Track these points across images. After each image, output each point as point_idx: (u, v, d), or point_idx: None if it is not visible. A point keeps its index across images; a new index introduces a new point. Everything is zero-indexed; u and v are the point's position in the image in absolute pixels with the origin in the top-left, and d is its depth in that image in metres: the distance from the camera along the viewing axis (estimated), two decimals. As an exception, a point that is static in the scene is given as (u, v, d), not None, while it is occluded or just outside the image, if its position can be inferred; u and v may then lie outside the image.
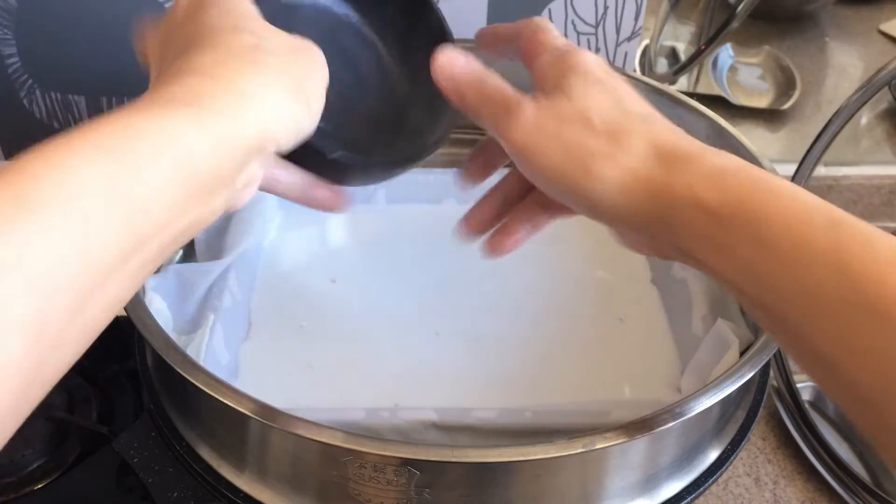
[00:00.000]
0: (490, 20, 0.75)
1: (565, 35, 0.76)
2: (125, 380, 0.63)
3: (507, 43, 0.46)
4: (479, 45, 0.47)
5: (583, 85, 0.39)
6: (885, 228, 0.33)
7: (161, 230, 0.30)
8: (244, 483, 0.45)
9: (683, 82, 0.98)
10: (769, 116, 1.01)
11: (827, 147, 0.64)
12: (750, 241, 0.33)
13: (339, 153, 0.42)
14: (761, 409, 0.51)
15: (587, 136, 0.38)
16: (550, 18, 0.75)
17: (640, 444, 0.43)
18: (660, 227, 0.36)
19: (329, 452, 0.41)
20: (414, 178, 0.67)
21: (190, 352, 0.49)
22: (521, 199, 0.46)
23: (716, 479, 0.48)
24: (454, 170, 0.68)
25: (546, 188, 0.39)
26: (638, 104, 0.41)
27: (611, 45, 0.77)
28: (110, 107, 0.78)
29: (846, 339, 0.30)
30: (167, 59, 0.36)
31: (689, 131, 0.63)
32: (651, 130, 0.39)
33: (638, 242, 0.40)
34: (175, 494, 0.46)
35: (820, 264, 0.31)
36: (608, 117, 0.38)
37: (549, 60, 0.42)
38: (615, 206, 0.37)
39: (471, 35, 0.76)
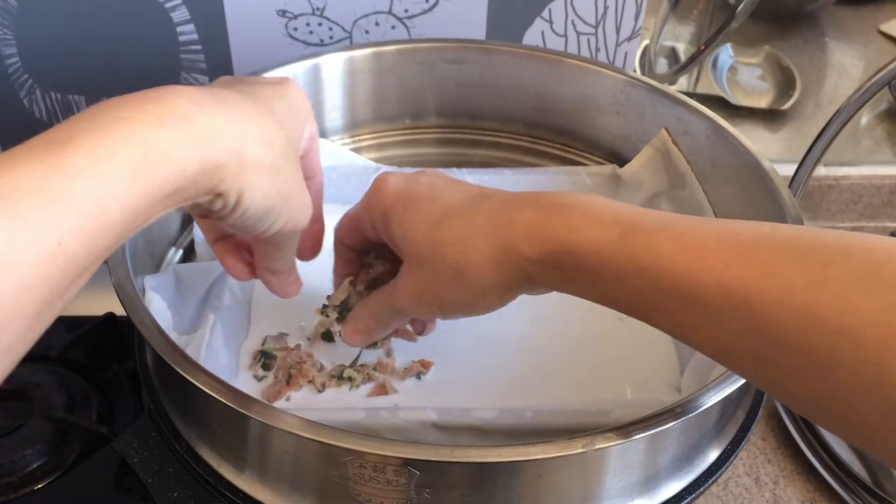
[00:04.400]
0: (490, 20, 0.75)
1: (565, 35, 0.76)
2: (125, 380, 0.63)
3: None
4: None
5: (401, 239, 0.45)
6: (886, 229, 0.33)
7: (143, 223, 0.34)
8: (244, 483, 0.45)
9: (683, 82, 0.98)
10: (769, 116, 1.01)
11: (827, 147, 0.64)
12: (571, 277, 0.39)
13: None
14: (761, 409, 0.51)
15: (441, 282, 0.43)
16: (550, 19, 0.76)
17: (640, 444, 0.43)
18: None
19: (329, 452, 0.41)
20: (414, 178, 0.68)
21: (190, 352, 0.48)
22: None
23: (716, 479, 0.48)
24: (454, 170, 0.68)
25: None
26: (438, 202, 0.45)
27: (611, 45, 0.77)
28: (110, 107, 0.78)
29: (678, 324, 0.37)
30: None
31: (690, 131, 0.63)
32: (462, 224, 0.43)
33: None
34: (175, 494, 0.46)
35: (629, 275, 0.37)
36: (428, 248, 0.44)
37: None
38: (499, 296, 0.43)
39: (471, 35, 0.76)
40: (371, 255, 0.52)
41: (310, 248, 0.51)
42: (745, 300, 0.33)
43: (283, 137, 0.41)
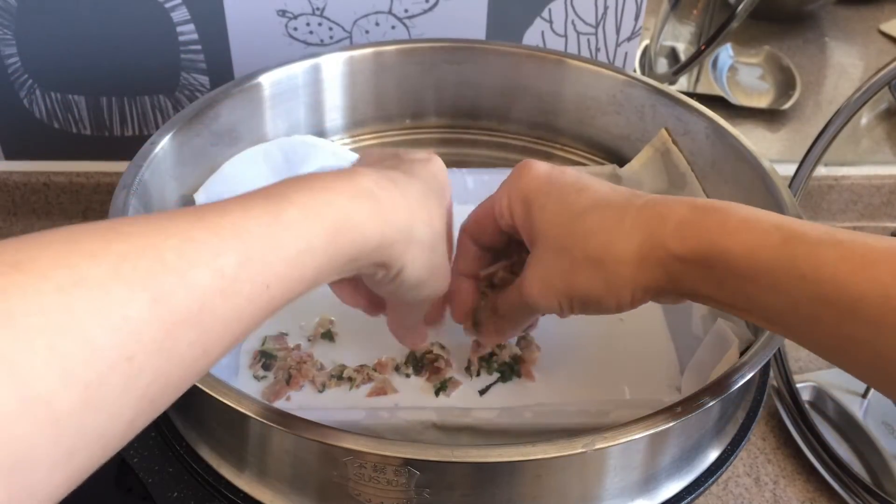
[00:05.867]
0: (490, 20, 0.75)
1: (565, 35, 0.76)
2: (125, 380, 0.63)
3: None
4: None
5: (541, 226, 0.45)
6: (886, 229, 0.33)
7: (317, 285, 0.37)
8: (244, 483, 0.45)
9: (683, 82, 0.98)
10: (769, 116, 1.01)
11: (827, 147, 0.64)
12: (718, 279, 0.38)
13: None
14: (761, 409, 0.51)
15: (576, 272, 0.43)
16: (550, 19, 0.76)
17: (640, 444, 0.43)
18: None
19: (329, 452, 0.41)
20: (414, 178, 0.68)
21: (190, 352, 0.48)
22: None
23: (716, 479, 0.48)
24: (454, 170, 0.68)
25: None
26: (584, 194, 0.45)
27: (611, 45, 0.77)
28: (110, 107, 0.78)
29: (833, 336, 0.35)
30: None
31: (690, 131, 0.63)
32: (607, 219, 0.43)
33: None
34: (175, 494, 0.46)
35: (786, 282, 0.36)
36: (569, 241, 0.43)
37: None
38: (633, 294, 0.42)
39: (471, 35, 0.76)
40: (493, 254, 0.51)
41: (435, 314, 0.53)
42: None
43: (442, 217, 0.45)
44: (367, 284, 0.46)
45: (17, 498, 0.24)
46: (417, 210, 0.41)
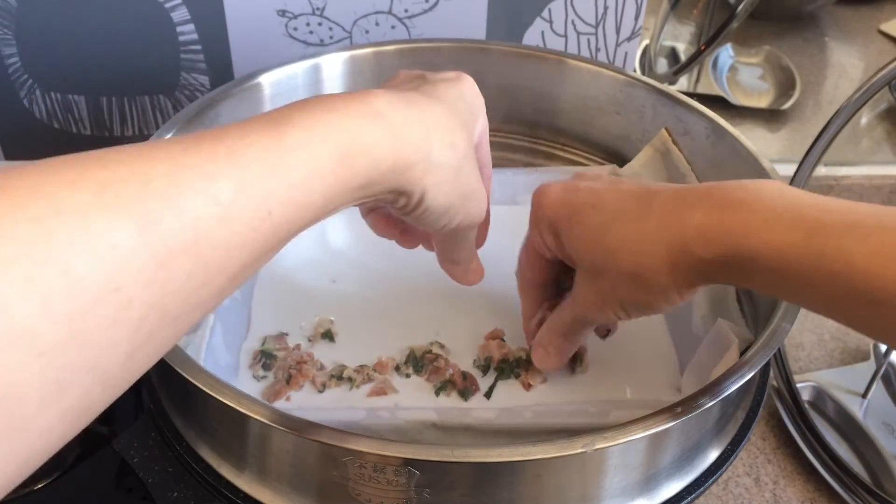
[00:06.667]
0: (490, 20, 0.75)
1: (565, 35, 0.76)
2: (125, 380, 0.63)
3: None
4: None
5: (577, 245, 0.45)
6: (886, 228, 0.33)
7: (331, 212, 0.35)
8: (244, 483, 0.45)
9: (683, 82, 0.98)
10: (769, 116, 1.01)
11: (827, 147, 0.64)
12: (751, 277, 0.38)
13: None
14: (761, 409, 0.51)
15: (620, 287, 0.43)
16: (550, 19, 0.76)
17: (640, 444, 0.43)
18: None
19: (329, 452, 0.41)
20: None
21: (190, 352, 0.49)
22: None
23: (716, 479, 0.48)
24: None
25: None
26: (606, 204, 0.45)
27: (611, 45, 0.77)
28: (110, 107, 0.78)
29: (871, 325, 0.35)
30: None
31: (690, 131, 0.63)
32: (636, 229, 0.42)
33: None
34: (175, 494, 0.46)
35: (817, 279, 0.35)
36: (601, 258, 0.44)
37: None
38: (680, 294, 0.43)
39: (471, 35, 0.76)
40: (553, 287, 0.52)
41: (478, 239, 0.51)
42: None
43: (466, 140, 0.42)
44: (395, 215, 0.45)
45: (8, 430, 0.24)
46: (435, 131, 0.39)
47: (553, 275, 0.51)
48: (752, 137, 0.68)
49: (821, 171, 0.79)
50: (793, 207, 0.37)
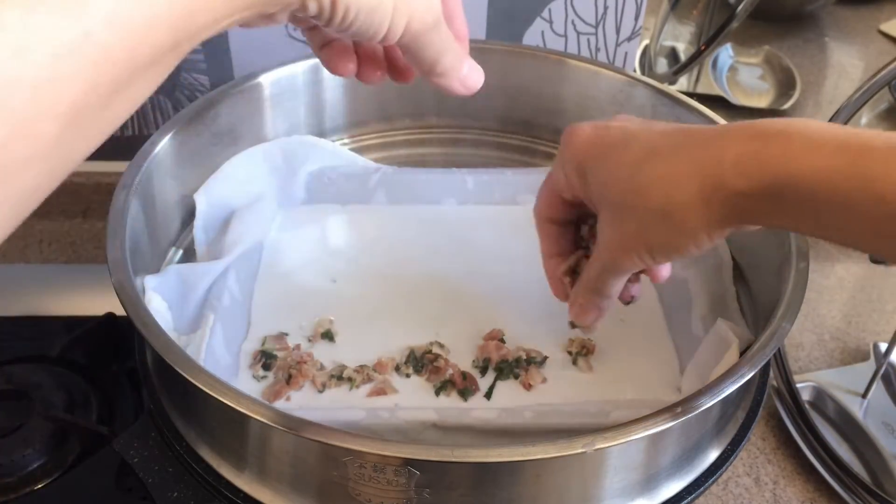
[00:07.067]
0: (490, 20, 0.75)
1: (565, 35, 0.76)
2: (125, 380, 0.63)
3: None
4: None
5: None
6: (885, 228, 0.33)
7: (209, 27, 0.30)
8: (244, 483, 0.45)
9: (683, 82, 0.98)
10: (769, 116, 1.00)
11: (827, 147, 0.64)
12: (789, 208, 0.37)
13: None
14: (761, 409, 0.51)
15: (647, 227, 0.41)
16: (550, 19, 0.76)
17: (640, 444, 0.43)
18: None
19: (329, 452, 0.41)
20: (414, 178, 0.68)
21: (190, 352, 0.49)
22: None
23: (716, 479, 0.48)
24: (454, 170, 0.68)
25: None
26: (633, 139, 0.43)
27: (611, 45, 0.77)
28: (110, 107, 0.78)
29: None
30: None
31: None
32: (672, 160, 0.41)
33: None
34: (175, 494, 0.46)
35: (862, 203, 0.34)
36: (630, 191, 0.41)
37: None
38: (709, 234, 0.41)
39: (471, 35, 0.76)
40: (574, 231, 0.50)
41: (457, 35, 0.45)
42: None
43: None
44: (329, 34, 0.41)
45: None
46: None
47: (569, 216, 0.49)
48: (752, 137, 0.67)
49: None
50: (835, 135, 0.36)
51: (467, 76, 0.45)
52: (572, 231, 0.50)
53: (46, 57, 0.25)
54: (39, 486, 0.55)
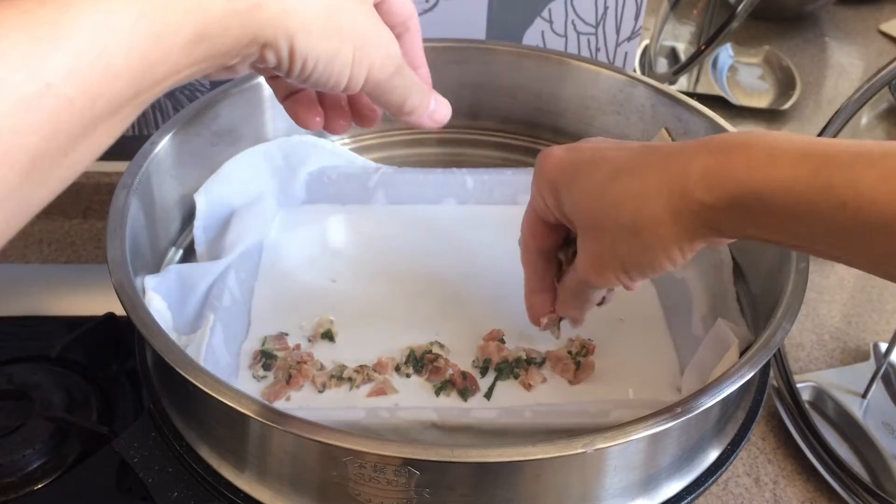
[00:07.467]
0: (490, 20, 0.75)
1: (565, 35, 0.76)
2: (125, 380, 0.63)
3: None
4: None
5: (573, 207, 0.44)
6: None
7: (168, 78, 0.31)
8: (244, 483, 0.45)
9: (683, 82, 0.98)
10: (769, 116, 1.01)
11: (827, 147, 0.64)
12: (757, 219, 0.37)
13: None
14: (761, 409, 0.51)
15: (619, 244, 0.42)
16: (550, 19, 0.76)
17: (640, 444, 0.43)
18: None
19: (329, 452, 0.41)
20: (414, 178, 0.68)
21: (190, 352, 0.49)
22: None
23: (716, 479, 0.48)
24: (454, 170, 0.68)
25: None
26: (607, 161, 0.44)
27: (611, 45, 0.77)
28: (110, 107, 0.78)
29: (892, 256, 0.34)
30: None
31: (690, 131, 0.63)
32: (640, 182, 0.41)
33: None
34: (175, 494, 0.46)
35: (827, 212, 0.34)
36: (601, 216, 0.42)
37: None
38: (682, 249, 0.41)
39: (471, 35, 0.76)
40: (558, 256, 0.51)
41: (421, 73, 0.46)
42: None
43: None
44: (292, 84, 0.41)
45: None
46: None
47: (554, 241, 0.50)
48: (752, 137, 0.67)
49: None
50: (798, 145, 0.36)
51: (435, 111, 0.45)
52: (556, 265, 0.51)
53: (7, 107, 0.26)
54: (39, 486, 0.55)
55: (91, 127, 0.28)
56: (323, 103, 0.46)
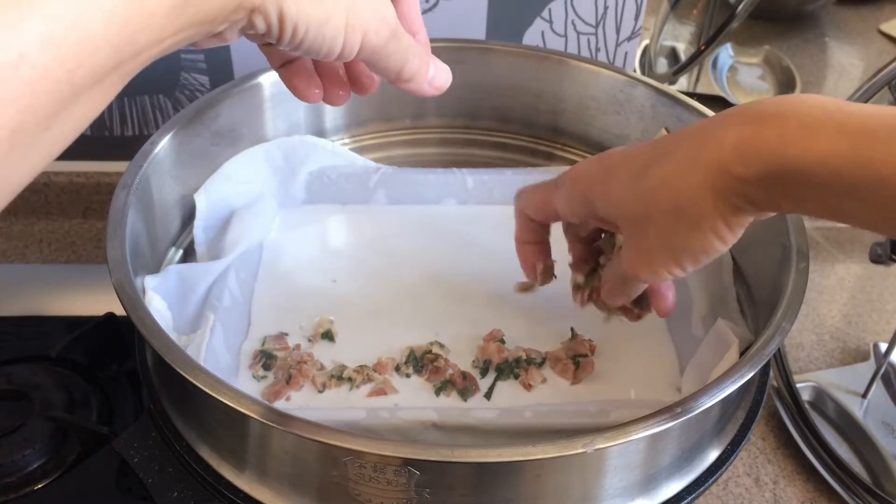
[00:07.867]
0: (490, 20, 0.75)
1: (565, 35, 0.76)
2: (125, 380, 0.63)
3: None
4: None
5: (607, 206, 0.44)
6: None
7: (151, 47, 0.29)
8: (244, 483, 0.45)
9: (683, 82, 0.98)
10: (769, 116, 1.00)
11: (827, 147, 0.64)
12: (795, 193, 0.36)
13: None
14: (761, 409, 0.51)
15: (665, 233, 0.41)
16: (550, 19, 0.76)
17: (640, 444, 0.43)
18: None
19: (329, 452, 0.41)
20: (414, 178, 0.68)
21: (190, 352, 0.49)
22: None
23: (716, 479, 0.48)
24: (454, 170, 0.68)
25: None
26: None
27: (611, 45, 0.77)
28: (110, 107, 0.78)
29: None
30: None
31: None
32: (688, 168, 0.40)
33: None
34: (175, 494, 0.46)
35: (867, 187, 0.34)
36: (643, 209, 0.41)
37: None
38: (728, 225, 0.39)
39: (471, 35, 0.76)
40: (598, 245, 0.52)
41: (417, 37, 0.44)
42: None
43: None
44: (282, 52, 0.40)
45: None
46: None
47: (555, 220, 0.50)
48: (752, 137, 0.67)
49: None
50: (835, 115, 0.35)
51: (435, 77, 0.44)
52: (595, 254, 0.52)
53: None
54: (39, 486, 0.55)
55: (71, 99, 0.27)
56: (321, 74, 0.44)
